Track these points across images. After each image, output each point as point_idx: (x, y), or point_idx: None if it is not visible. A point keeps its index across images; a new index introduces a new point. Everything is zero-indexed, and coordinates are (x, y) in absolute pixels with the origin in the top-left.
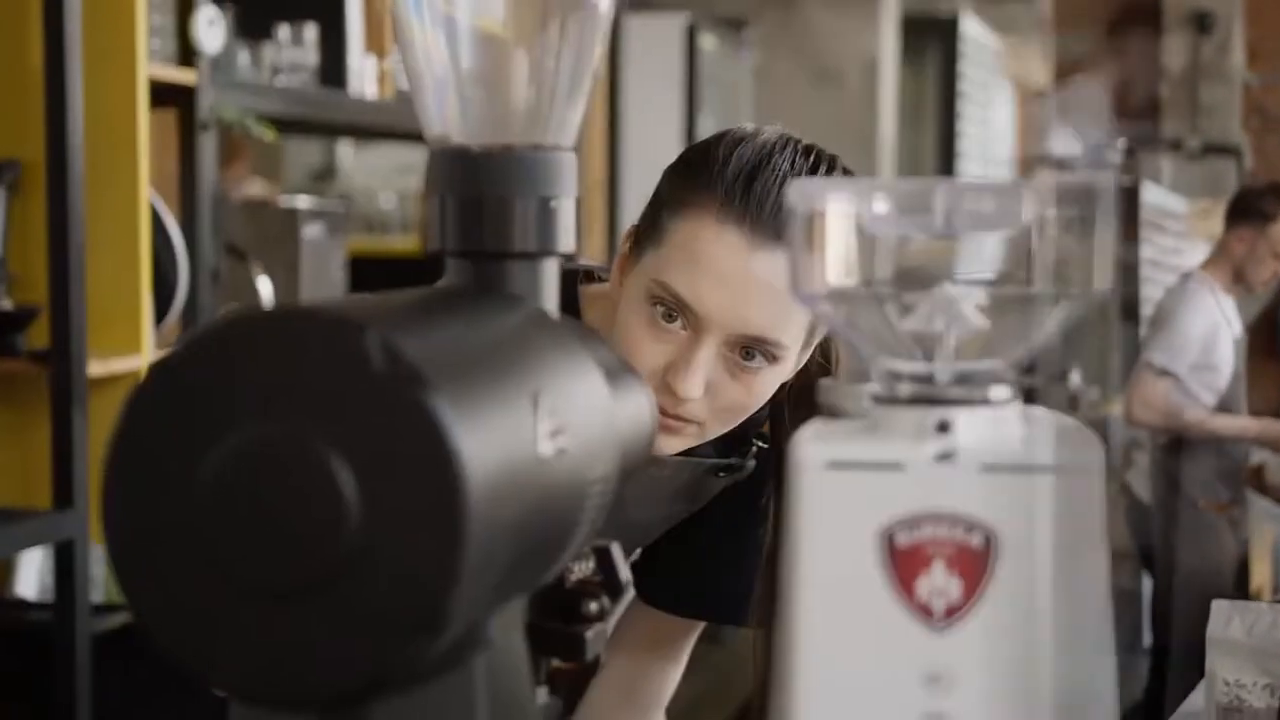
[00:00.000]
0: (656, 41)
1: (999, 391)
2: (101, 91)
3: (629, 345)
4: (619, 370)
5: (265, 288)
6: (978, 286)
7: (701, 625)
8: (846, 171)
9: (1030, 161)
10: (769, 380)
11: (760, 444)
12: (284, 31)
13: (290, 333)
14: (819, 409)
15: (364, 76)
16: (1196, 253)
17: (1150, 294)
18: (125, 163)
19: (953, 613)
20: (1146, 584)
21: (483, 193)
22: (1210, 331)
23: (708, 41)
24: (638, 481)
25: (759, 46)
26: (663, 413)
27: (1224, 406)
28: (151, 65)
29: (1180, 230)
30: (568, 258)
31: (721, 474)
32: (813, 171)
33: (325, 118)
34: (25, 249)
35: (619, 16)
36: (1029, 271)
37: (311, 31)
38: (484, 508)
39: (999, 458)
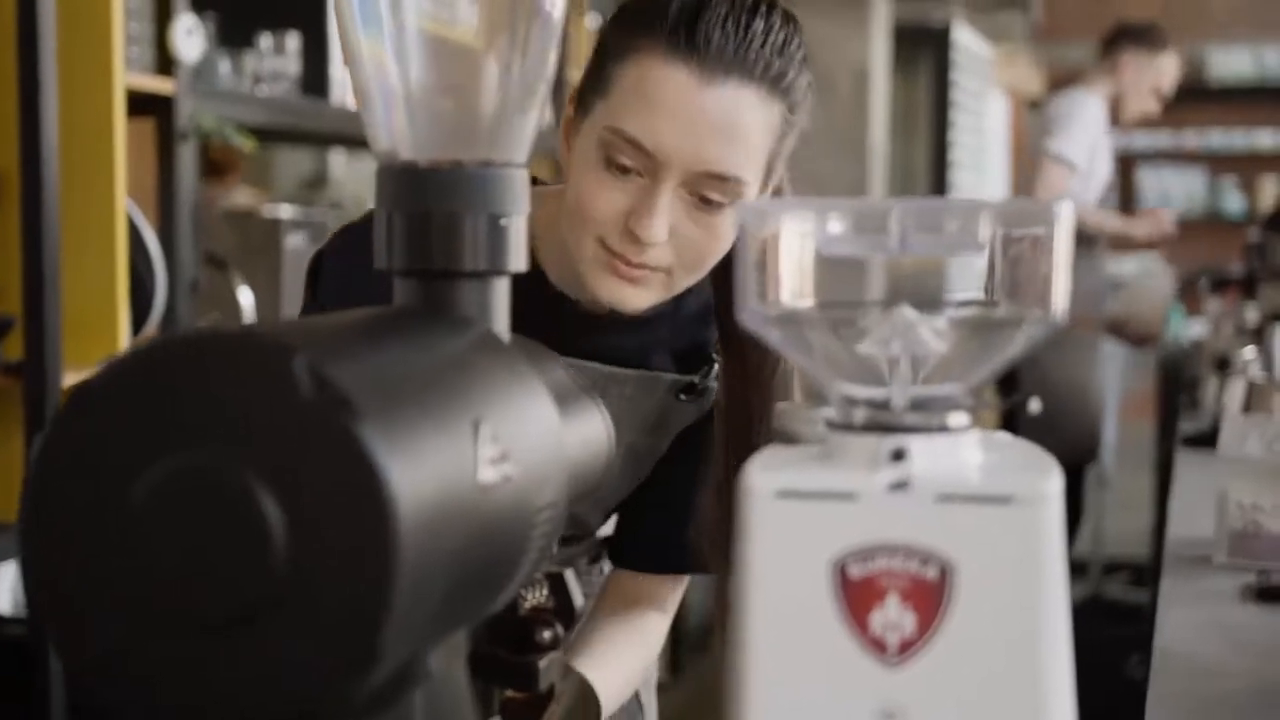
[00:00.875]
0: None
1: (957, 418)
2: (78, 100)
3: (585, 200)
4: (571, 392)
5: (246, 298)
6: (936, 311)
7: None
8: (789, 17)
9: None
10: (728, 224)
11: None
12: (266, 40)
13: (217, 357)
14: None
15: (346, 86)
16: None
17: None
18: (102, 172)
19: (907, 648)
20: None
21: (431, 209)
22: (1096, 139)
23: None
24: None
25: None
26: (627, 263)
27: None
28: (129, 74)
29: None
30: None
31: (683, 396)
32: (754, 6)
33: (307, 127)
34: (2, 259)
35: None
36: (989, 293)
37: (294, 40)
38: (417, 538)
39: (954, 487)
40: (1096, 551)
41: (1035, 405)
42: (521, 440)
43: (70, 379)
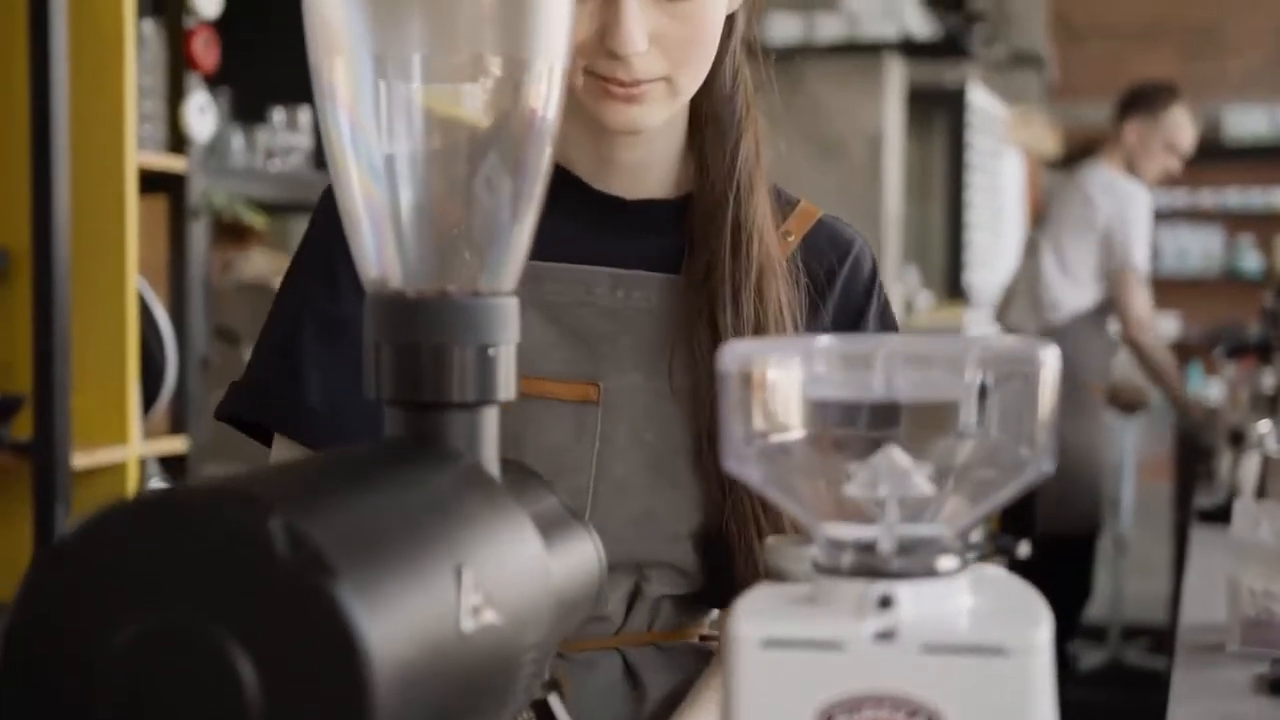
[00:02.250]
0: None
1: (946, 562)
2: (90, 179)
3: (625, 38)
4: (560, 519)
5: None
6: (923, 456)
7: None
8: None
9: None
10: (706, 4)
11: None
12: (278, 115)
13: (191, 514)
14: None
15: None
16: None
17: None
18: (113, 251)
19: None
20: None
21: (419, 341)
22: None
23: None
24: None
25: (763, 122)
26: (620, 84)
27: (1108, 308)
28: (142, 153)
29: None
30: None
31: None
32: None
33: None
34: (12, 337)
35: None
36: (978, 434)
37: (306, 115)
38: (394, 698)
39: (942, 637)
40: (1115, 617)
41: (1025, 549)
42: (506, 583)
43: (80, 459)
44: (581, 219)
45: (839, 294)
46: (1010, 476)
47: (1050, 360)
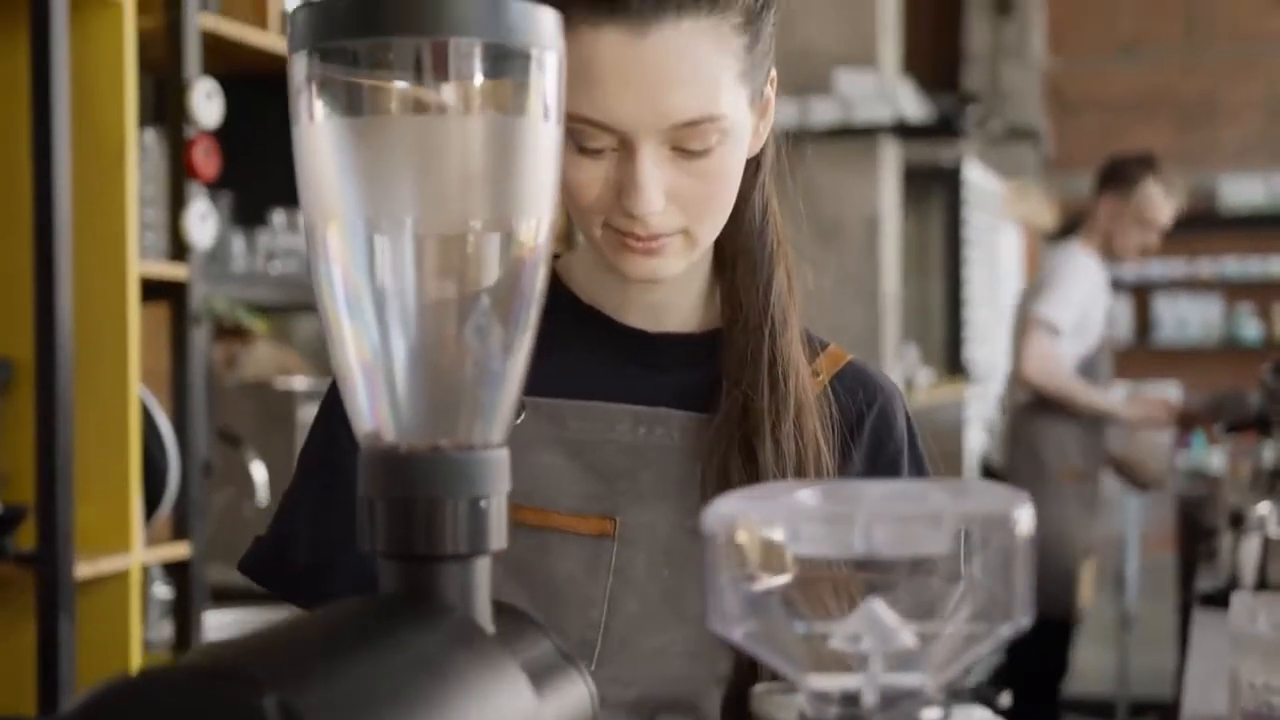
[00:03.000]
0: None
1: (929, 713)
2: (93, 289)
3: (573, 192)
4: (553, 666)
5: (260, 474)
6: (905, 610)
7: None
8: None
9: None
10: (728, 157)
11: None
12: (278, 217)
13: (188, 694)
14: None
15: None
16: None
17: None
18: (116, 359)
19: None
20: None
21: (412, 495)
22: (1090, 295)
23: None
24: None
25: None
26: (638, 238)
27: (1086, 371)
28: (144, 262)
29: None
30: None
31: None
32: None
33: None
34: (15, 447)
35: None
36: (959, 589)
37: None
38: None
39: None
40: (1122, 692)
41: (1006, 699)
42: None
43: (83, 569)
44: (607, 353)
45: (868, 439)
46: (992, 628)
47: (1024, 518)
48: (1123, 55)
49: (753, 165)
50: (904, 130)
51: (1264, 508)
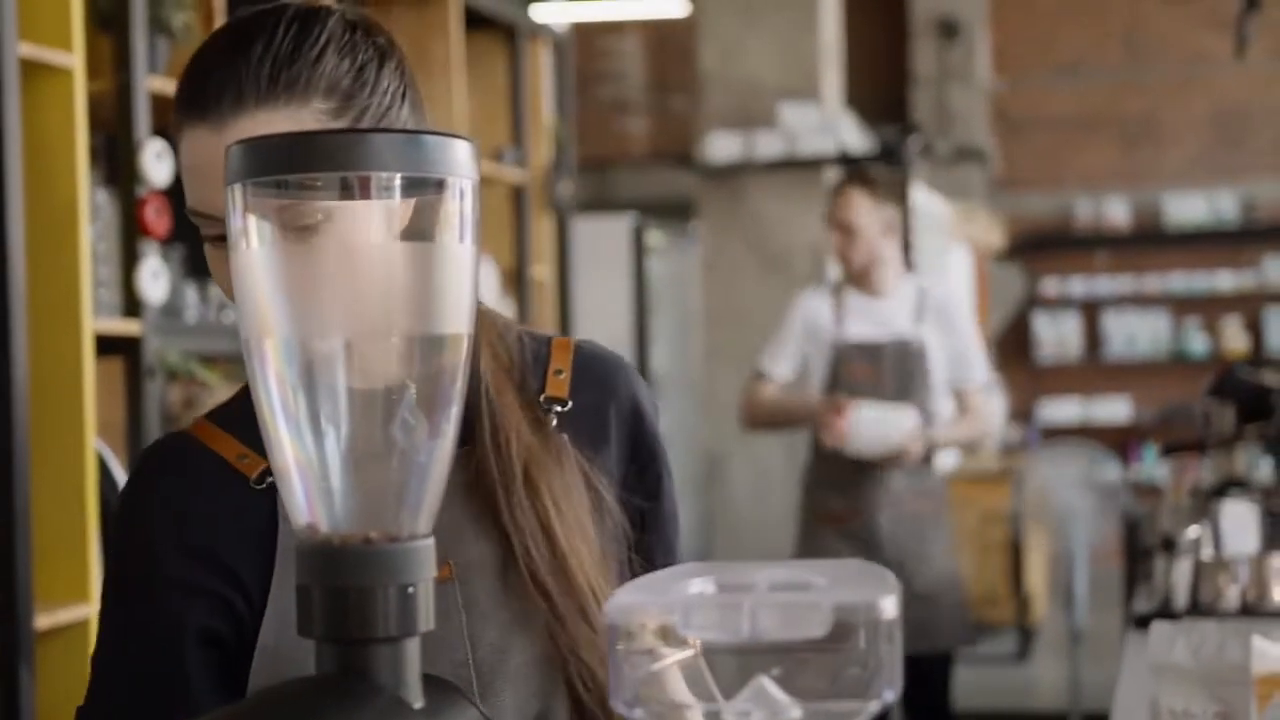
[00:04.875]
0: (605, 240)
1: None
2: (47, 346)
3: (218, 282)
4: None
5: None
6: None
7: None
8: (282, 24)
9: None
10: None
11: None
12: None
13: None
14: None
15: None
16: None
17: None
18: (71, 415)
19: None
20: None
21: (347, 584)
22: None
23: (655, 237)
24: None
25: (706, 237)
26: None
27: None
28: (98, 319)
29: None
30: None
31: None
32: (250, 27)
33: None
34: None
35: (566, 218)
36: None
37: None
38: None
39: None
40: (1074, 707)
41: None
42: None
43: (41, 620)
44: None
45: (624, 419)
46: (865, 703)
47: (889, 605)
48: (1066, 75)
49: None
50: (847, 161)
51: (1194, 531)
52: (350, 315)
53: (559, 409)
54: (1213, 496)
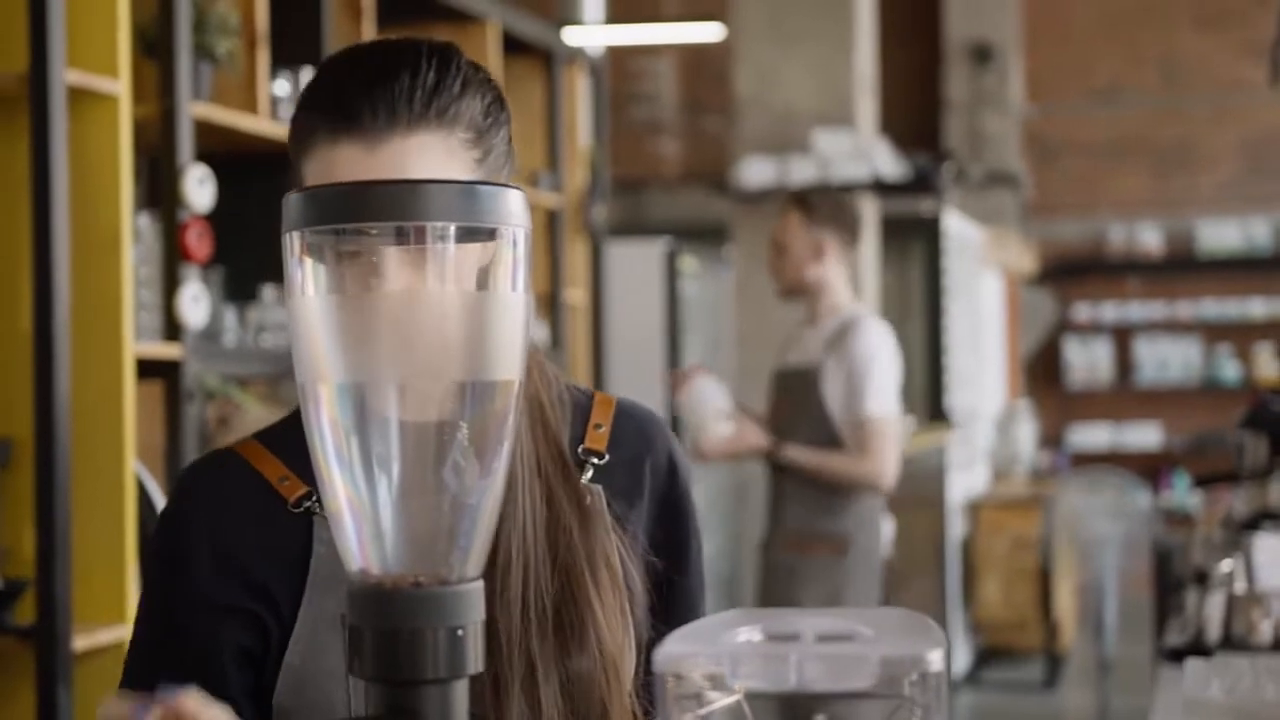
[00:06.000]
0: (639, 265)
1: None
2: (89, 370)
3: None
4: None
5: None
6: None
7: None
8: (438, 53)
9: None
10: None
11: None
12: (269, 292)
13: None
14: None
15: None
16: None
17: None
18: (112, 438)
19: None
20: None
21: (397, 626)
22: None
23: (688, 264)
24: None
25: (739, 261)
26: None
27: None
28: (139, 343)
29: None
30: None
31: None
32: (395, 54)
33: None
34: (15, 523)
35: (600, 242)
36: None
37: None
38: None
39: None
40: None
41: None
42: None
43: (80, 641)
44: None
45: (657, 477)
46: None
47: (936, 660)
48: (1100, 102)
49: None
50: (881, 187)
51: (1226, 565)
52: (404, 362)
53: (596, 461)
54: (1245, 529)
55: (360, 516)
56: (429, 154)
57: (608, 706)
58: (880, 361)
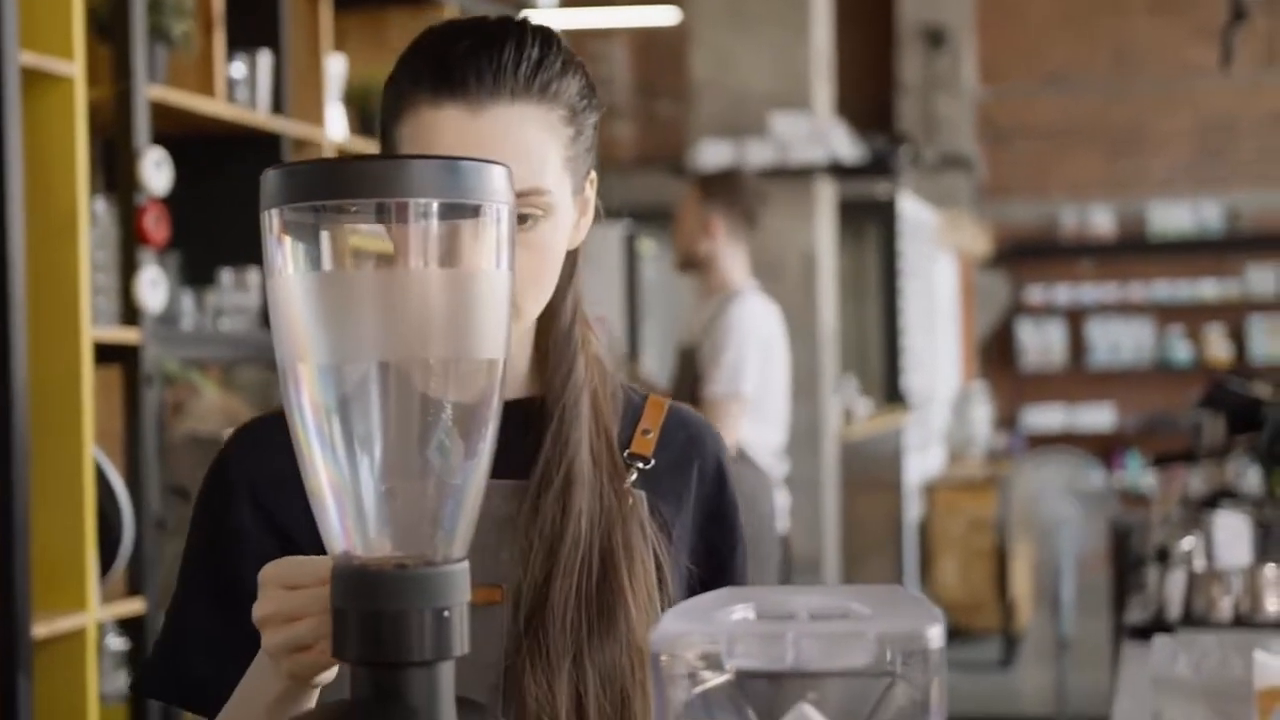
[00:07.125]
0: (597, 248)
1: None
2: (47, 355)
3: None
4: None
5: None
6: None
7: None
8: (539, 31)
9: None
10: (551, 234)
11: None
12: (227, 276)
13: None
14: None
15: None
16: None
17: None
18: (70, 423)
19: None
20: None
21: (382, 608)
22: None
23: (646, 246)
24: None
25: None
26: None
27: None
28: (96, 327)
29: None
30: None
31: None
32: (499, 27)
33: (269, 358)
34: None
35: None
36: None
37: (254, 275)
38: None
39: None
40: (1060, 714)
41: None
42: None
43: (40, 629)
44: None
45: (705, 484)
46: None
47: (934, 637)
48: (1053, 85)
49: (569, 265)
50: (838, 170)
51: (1187, 543)
52: (386, 340)
53: (641, 465)
54: (1204, 507)
55: (343, 498)
56: (530, 125)
57: (631, 696)
58: (735, 339)
